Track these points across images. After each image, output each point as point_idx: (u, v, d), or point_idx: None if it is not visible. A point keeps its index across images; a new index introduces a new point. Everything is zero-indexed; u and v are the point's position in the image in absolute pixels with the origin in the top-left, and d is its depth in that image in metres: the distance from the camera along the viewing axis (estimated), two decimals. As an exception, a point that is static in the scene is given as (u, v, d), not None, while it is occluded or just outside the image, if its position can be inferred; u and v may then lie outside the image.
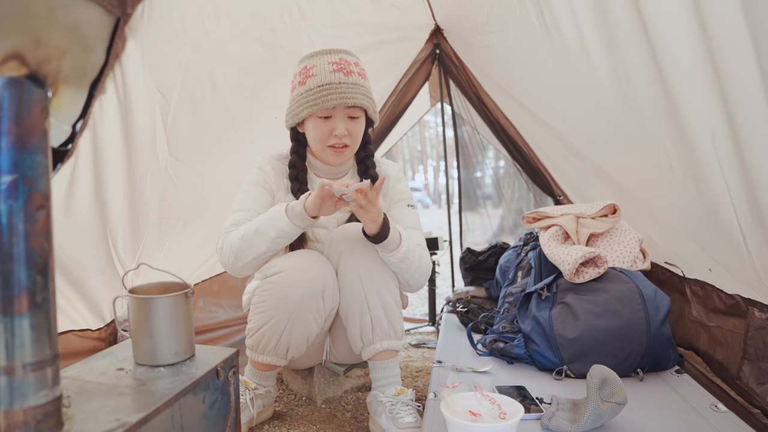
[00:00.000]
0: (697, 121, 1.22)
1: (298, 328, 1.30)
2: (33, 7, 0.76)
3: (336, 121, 1.35)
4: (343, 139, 1.36)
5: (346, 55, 1.39)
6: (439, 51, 2.48)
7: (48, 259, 0.64)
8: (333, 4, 1.84)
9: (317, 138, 1.37)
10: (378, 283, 1.31)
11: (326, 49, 1.38)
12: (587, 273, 1.48)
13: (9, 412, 0.62)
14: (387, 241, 1.25)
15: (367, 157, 1.49)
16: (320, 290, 1.29)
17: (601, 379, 1.05)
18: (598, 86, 1.58)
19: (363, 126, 1.41)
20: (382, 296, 1.31)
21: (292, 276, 1.28)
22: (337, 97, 1.32)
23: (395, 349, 1.34)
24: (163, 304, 0.92)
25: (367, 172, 1.47)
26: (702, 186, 1.31)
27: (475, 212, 3.05)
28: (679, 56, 1.18)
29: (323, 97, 1.32)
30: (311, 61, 1.37)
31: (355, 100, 1.33)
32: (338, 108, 1.34)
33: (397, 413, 1.29)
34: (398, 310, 1.35)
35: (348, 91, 1.33)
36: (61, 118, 1.13)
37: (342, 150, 1.38)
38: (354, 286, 1.31)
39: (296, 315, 1.28)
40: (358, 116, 1.38)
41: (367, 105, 1.37)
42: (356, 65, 1.39)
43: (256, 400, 1.39)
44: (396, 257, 1.28)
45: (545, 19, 1.66)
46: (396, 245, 1.27)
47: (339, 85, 1.33)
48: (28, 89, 0.62)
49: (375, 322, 1.31)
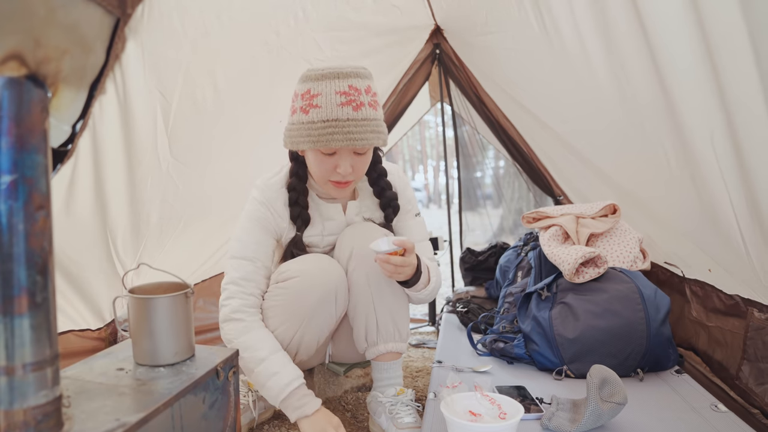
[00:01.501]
0: (696, 121, 1.22)
1: (309, 332, 1.29)
2: (32, 8, 0.76)
3: (340, 159, 1.22)
4: (347, 177, 1.25)
5: (356, 79, 1.20)
6: (439, 51, 2.48)
7: (48, 259, 0.64)
8: (336, 7, 1.85)
9: (318, 172, 1.27)
10: (386, 285, 1.30)
11: (334, 71, 1.20)
12: (587, 273, 1.48)
13: (9, 412, 0.62)
14: (417, 284, 1.28)
15: (380, 177, 1.40)
16: (333, 296, 1.27)
17: (601, 379, 1.05)
18: (597, 86, 1.58)
19: (370, 157, 1.30)
20: (389, 299, 1.30)
21: (305, 281, 1.25)
22: (343, 138, 1.17)
23: (399, 351, 1.34)
24: (163, 304, 0.92)
25: (383, 193, 1.39)
26: (701, 186, 1.31)
27: (475, 212, 3.05)
28: (677, 55, 1.18)
29: (327, 136, 1.18)
30: (316, 87, 1.20)
31: (364, 141, 1.19)
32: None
33: (397, 413, 1.29)
34: (404, 313, 1.35)
35: (356, 131, 1.18)
36: (61, 119, 1.13)
37: (344, 185, 1.29)
38: (362, 287, 1.29)
39: (309, 320, 1.27)
40: (365, 152, 1.26)
41: (377, 143, 1.23)
42: (368, 92, 1.22)
43: (258, 402, 1.39)
44: (423, 294, 1.32)
45: (544, 20, 1.66)
46: (424, 285, 1.30)
47: (347, 122, 1.17)
48: (28, 89, 0.62)
49: (380, 324, 1.30)
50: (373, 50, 2.16)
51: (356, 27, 2.00)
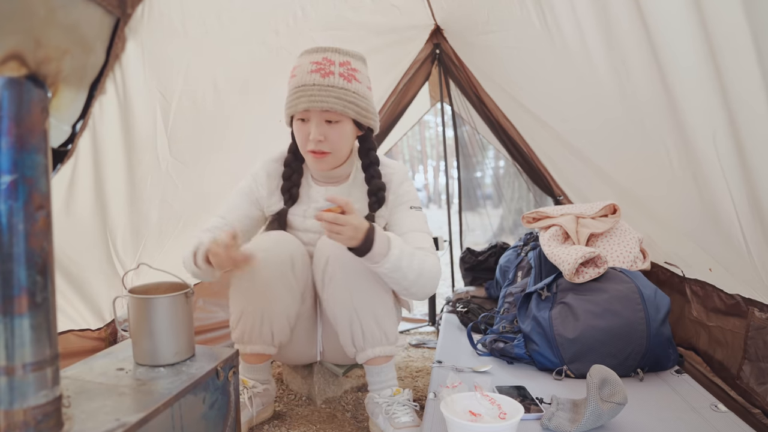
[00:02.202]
0: (698, 120, 1.22)
1: (274, 306, 1.30)
2: (33, 8, 0.76)
3: (311, 125, 1.28)
4: (319, 145, 1.28)
5: (335, 54, 1.28)
6: (439, 51, 2.48)
7: (48, 259, 0.64)
8: (335, 6, 1.85)
9: (298, 141, 1.34)
10: (367, 290, 1.26)
11: (318, 47, 1.30)
12: (587, 273, 1.48)
13: (9, 412, 0.62)
14: (371, 253, 1.15)
15: (372, 164, 1.40)
16: (288, 263, 1.28)
17: (601, 379, 1.05)
18: (599, 84, 1.58)
19: (346, 132, 1.31)
20: (371, 304, 1.27)
21: (260, 256, 1.26)
22: (307, 101, 1.24)
23: (388, 354, 1.32)
24: (163, 304, 0.92)
25: (371, 181, 1.39)
26: (702, 185, 1.31)
27: (475, 212, 3.05)
28: (679, 54, 1.18)
29: (295, 100, 1.26)
30: (299, 60, 1.31)
31: (324, 104, 1.24)
32: (313, 111, 1.26)
33: (393, 413, 1.29)
34: (390, 316, 1.31)
35: (320, 94, 1.24)
36: (61, 119, 1.13)
37: (320, 156, 1.30)
38: (341, 294, 1.26)
39: (270, 293, 1.28)
40: (337, 121, 1.28)
41: (344, 110, 1.26)
42: (344, 65, 1.28)
43: (254, 399, 1.38)
44: (384, 268, 1.18)
45: (546, 18, 1.66)
46: (382, 256, 1.17)
47: (312, 87, 1.24)
48: (28, 89, 0.62)
49: (365, 329, 1.28)
50: (373, 50, 2.15)
51: (355, 26, 2.00)
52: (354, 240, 1.12)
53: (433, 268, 1.28)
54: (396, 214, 1.40)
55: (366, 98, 1.32)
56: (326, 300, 1.31)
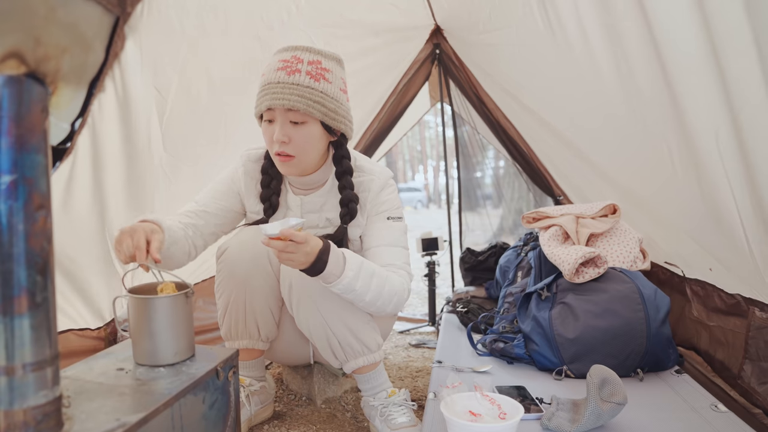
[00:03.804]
0: (700, 119, 1.22)
1: (255, 299, 1.30)
2: (32, 6, 0.76)
3: (275, 125, 1.22)
4: (283, 146, 1.22)
5: (305, 52, 1.22)
6: (439, 51, 2.48)
7: (48, 259, 0.64)
8: (331, 3, 1.84)
9: (266, 143, 1.28)
10: (337, 306, 1.22)
11: (290, 46, 1.24)
12: (587, 273, 1.48)
13: (9, 412, 0.62)
14: (323, 274, 1.11)
15: (344, 173, 1.32)
16: (265, 254, 1.28)
17: (601, 379, 1.05)
18: (600, 82, 1.58)
19: (312, 134, 1.24)
20: (343, 318, 1.24)
21: (236, 249, 1.28)
22: (270, 98, 1.19)
23: (372, 362, 1.30)
24: (163, 304, 0.92)
25: (342, 191, 1.32)
26: (704, 184, 1.31)
27: (475, 212, 3.05)
28: (682, 53, 1.18)
29: (261, 98, 1.22)
30: (271, 59, 1.26)
31: (286, 101, 1.17)
32: (278, 111, 1.20)
33: (389, 414, 1.29)
34: (366, 325, 1.28)
35: (283, 92, 1.18)
36: (60, 117, 1.13)
37: (285, 159, 1.24)
38: (311, 315, 1.24)
39: (249, 285, 1.28)
40: (303, 122, 1.21)
41: (307, 109, 1.19)
42: (312, 63, 1.21)
43: (252, 398, 1.38)
44: (337, 288, 1.14)
45: (548, 15, 1.66)
46: (335, 277, 1.12)
47: (276, 85, 1.19)
48: (28, 88, 0.62)
49: (343, 344, 1.26)
50: (371, 49, 2.15)
51: (351, 24, 1.99)
52: (305, 264, 1.09)
53: (396, 287, 1.23)
54: (373, 224, 1.34)
55: (336, 100, 1.24)
56: (299, 322, 1.29)
